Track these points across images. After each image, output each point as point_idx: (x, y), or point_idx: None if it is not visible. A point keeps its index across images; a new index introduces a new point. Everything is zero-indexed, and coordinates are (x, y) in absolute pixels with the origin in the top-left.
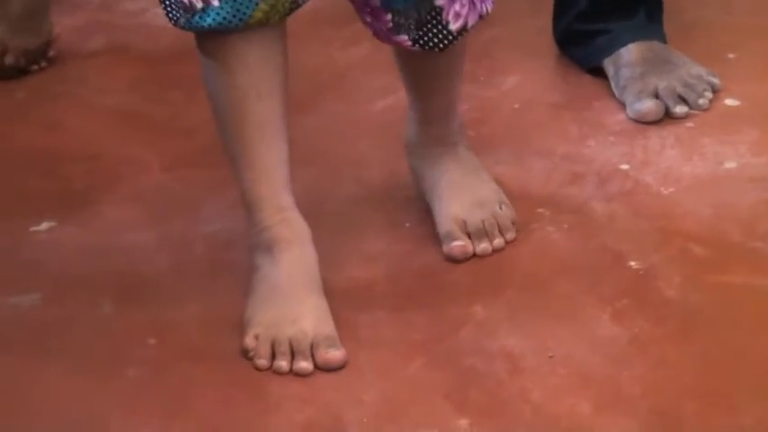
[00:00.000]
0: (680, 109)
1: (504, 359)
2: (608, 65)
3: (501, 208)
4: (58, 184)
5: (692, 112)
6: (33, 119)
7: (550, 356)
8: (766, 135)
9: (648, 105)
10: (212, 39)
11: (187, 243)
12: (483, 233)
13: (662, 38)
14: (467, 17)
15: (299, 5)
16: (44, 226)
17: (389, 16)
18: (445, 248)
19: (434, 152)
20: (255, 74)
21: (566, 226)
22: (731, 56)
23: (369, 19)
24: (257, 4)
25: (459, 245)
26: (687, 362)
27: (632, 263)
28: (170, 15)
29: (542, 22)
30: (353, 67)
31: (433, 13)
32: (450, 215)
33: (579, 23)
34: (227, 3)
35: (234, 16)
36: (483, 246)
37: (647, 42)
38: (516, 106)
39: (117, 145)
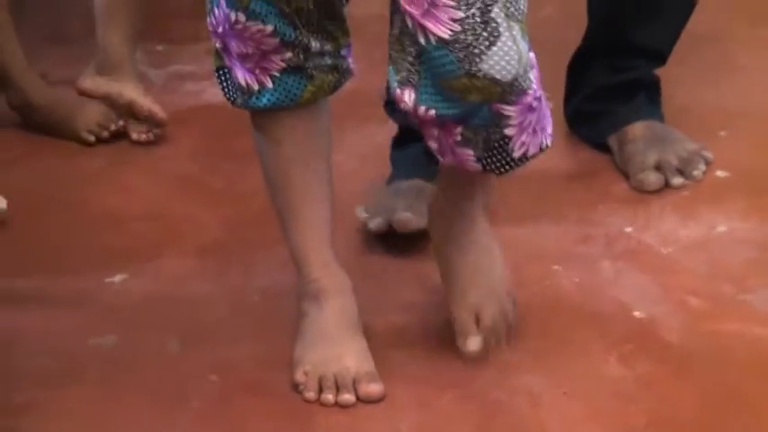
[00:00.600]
0: (677, 180)
1: (524, 395)
2: (613, 141)
3: (508, 298)
4: (129, 241)
5: (688, 182)
6: (108, 184)
7: (564, 393)
8: (753, 203)
9: (649, 177)
10: (265, 115)
11: (243, 293)
12: (493, 331)
13: (660, 117)
14: (528, 145)
15: (341, 85)
16: (118, 278)
17: (459, 129)
18: (460, 343)
19: (454, 227)
20: (302, 145)
21: (577, 280)
22: (722, 133)
23: (436, 132)
24: (306, 86)
25: (473, 350)
26: (686, 398)
27: (636, 313)
28: (228, 96)
29: (554, 103)
30: (388, 141)
31: (502, 142)
32: (464, 305)
33: (587, 105)
34: (279, 86)
35: (286, 97)
36: (493, 341)
37: (648, 121)
38: (532, 176)
39: (180, 207)
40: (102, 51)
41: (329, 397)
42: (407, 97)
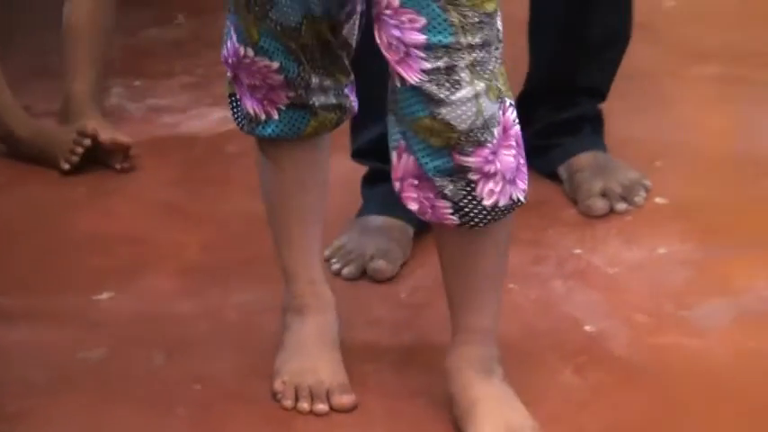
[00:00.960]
0: (621, 206)
1: None
2: (562, 171)
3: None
4: (115, 261)
5: (630, 208)
6: (92, 209)
7: (525, 400)
8: (689, 227)
9: (597, 203)
10: (270, 143)
11: (222, 310)
12: None
13: (604, 147)
14: (499, 195)
15: (342, 122)
16: (104, 295)
17: (435, 181)
18: None
19: (469, 376)
20: (303, 173)
21: (532, 298)
22: (658, 164)
23: (415, 194)
24: (309, 121)
25: None
26: (634, 405)
27: (587, 327)
28: (236, 121)
29: None
30: (355, 169)
31: (468, 188)
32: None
33: (537, 140)
34: (285, 117)
35: (290, 129)
36: None
37: (593, 152)
38: None
39: (161, 231)
40: (65, 100)
41: (304, 406)
42: (396, 157)
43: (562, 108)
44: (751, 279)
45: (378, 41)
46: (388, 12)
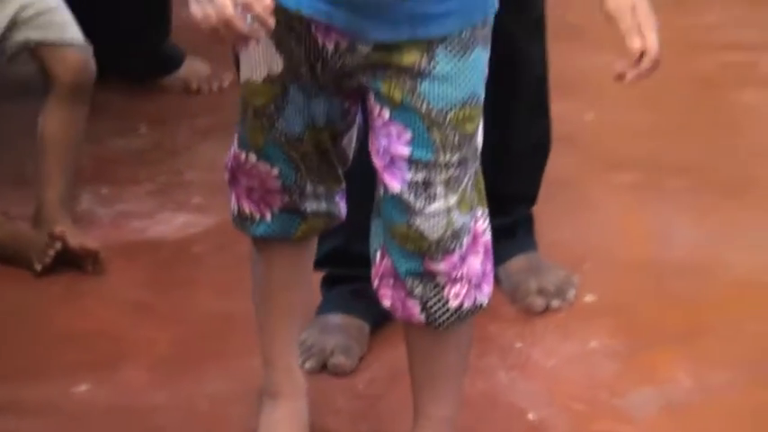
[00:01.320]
0: (555, 302)
1: None
2: (500, 272)
3: None
4: (90, 356)
5: (563, 305)
6: (67, 308)
7: None
8: (616, 322)
9: (536, 301)
10: (262, 241)
11: (193, 401)
12: None
13: (535, 246)
14: (464, 298)
15: (330, 227)
16: (83, 388)
17: (407, 283)
18: None
19: None
20: (291, 273)
21: (480, 388)
22: (586, 266)
23: (390, 292)
24: (299, 225)
25: None
26: None
27: (530, 416)
28: (233, 218)
29: None
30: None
31: (436, 290)
32: None
33: None
34: (276, 220)
35: (281, 231)
36: None
37: (526, 254)
38: None
39: (133, 328)
40: (38, 207)
41: None
42: (378, 258)
43: (496, 215)
44: (673, 371)
45: (369, 147)
46: (379, 122)
